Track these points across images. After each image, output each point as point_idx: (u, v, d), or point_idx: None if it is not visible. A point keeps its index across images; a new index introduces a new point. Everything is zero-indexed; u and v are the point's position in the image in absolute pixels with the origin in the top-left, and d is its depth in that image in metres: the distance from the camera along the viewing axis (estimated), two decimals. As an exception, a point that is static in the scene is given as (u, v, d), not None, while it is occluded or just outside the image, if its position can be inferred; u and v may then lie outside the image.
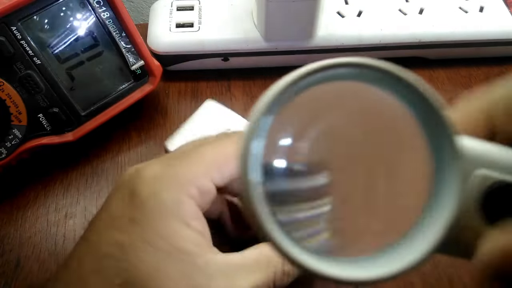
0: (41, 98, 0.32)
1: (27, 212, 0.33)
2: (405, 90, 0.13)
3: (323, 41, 0.40)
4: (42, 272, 0.30)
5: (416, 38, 0.40)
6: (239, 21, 0.40)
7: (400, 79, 0.13)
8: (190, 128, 0.34)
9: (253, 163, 0.13)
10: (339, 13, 0.41)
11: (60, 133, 0.34)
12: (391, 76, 0.13)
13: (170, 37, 0.39)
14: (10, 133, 0.32)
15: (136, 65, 0.35)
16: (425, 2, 0.42)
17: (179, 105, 0.39)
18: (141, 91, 0.36)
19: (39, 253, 0.30)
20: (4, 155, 0.32)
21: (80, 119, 0.34)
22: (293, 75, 0.13)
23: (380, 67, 0.13)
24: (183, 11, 0.41)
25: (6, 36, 0.29)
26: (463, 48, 0.41)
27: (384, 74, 0.13)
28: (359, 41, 0.40)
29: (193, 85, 0.41)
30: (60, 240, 0.31)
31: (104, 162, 0.36)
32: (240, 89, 0.41)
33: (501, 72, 0.42)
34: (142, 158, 0.36)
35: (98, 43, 0.33)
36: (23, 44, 0.30)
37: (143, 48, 0.35)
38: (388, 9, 0.41)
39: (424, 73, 0.42)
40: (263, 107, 0.13)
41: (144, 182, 0.21)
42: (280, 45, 0.40)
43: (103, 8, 0.32)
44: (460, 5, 0.42)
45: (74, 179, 0.35)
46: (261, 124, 0.13)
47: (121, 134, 0.37)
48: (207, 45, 0.39)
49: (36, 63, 0.31)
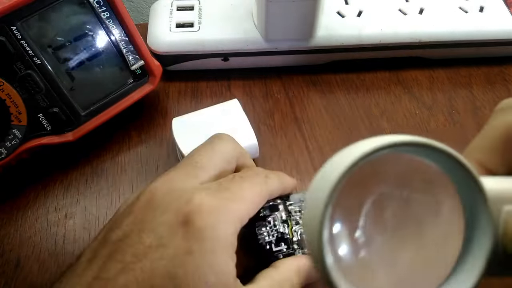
0: (41, 98, 0.32)
1: (27, 212, 0.33)
2: (446, 160, 0.15)
3: (323, 41, 0.40)
4: (42, 272, 0.30)
5: (416, 38, 0.40)
6: (239, 21, 0.40)
7: (443, 152, 0.15)
8: (201, 115, 0.34)
9: (326, 249, 0.14)
10: (339, 13, 0.41)
11: (60, 133, 0.34)
12: (439, 151, 0.14)
13: (170, 37, 0.39)
14: (10, 133, 0.32)
15: (136, 65, 0.35)
16: (425, 2, 0.42)
17: (179, 105, 0.39)
18: (141, 91, 0.36)
19: (39, 253, 0.30)
20: (4, 155, 0.32)
21: (80, 119, 0.34)
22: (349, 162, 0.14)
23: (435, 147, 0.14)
24: (183, 11, 0.41)
25: (6, 36, 0.29)
26: (463, 48, 0.41)
27: (433, 151, 0.14)
28: (359, 41, 0.40)
29: (193, 85, 0.41)
30: (60, 240, 0.31)
31: (104, 162, 0.36)
32: (240, 89, 0.41)
33: (501, 72, 0.42)
34: (142, 158, 0.36)
35: (98, 43, 0.33)
36: (23, 44, 0.30)
37: (143, 48, 0.35)
38: (388, 9, 0.41)
39: (424, 73, 0.42)
40: (327, 197, 0.14)
41: (200, 212, 0.21)
42: (280, 45, 0.40)
43: (103, 8, 0.32)
44: (460, 5, 0.42)
45: (74, 179, 0.35)
46: (327, 213, 0.14)
47: (121, 134, 0.37)
48: (207, 45, 0.39)
49: (36, 63, 0.31)
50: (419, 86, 0.41)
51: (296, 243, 0.26)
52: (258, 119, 0.38)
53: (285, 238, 0.26)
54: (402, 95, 0.40)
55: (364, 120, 0.38)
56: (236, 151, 0.26)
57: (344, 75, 0.42)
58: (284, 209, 0.27)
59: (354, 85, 0.41)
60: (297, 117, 0.39)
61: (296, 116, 0.39)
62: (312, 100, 0.40)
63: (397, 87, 0.41)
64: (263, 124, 0.38)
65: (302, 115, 0.39)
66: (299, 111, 0.39)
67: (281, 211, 0.27)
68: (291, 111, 0.39)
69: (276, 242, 0.26)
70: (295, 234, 0.27)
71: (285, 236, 0.26)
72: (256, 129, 0.37)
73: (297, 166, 0.35)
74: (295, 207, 0.28)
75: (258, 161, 0.35)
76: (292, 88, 0.41)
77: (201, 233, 0.20)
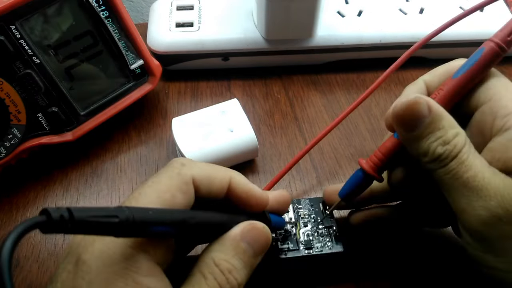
0: (40, 97, 0.32)
1: (27, 212, 0.33)
2: None
3: (323, 41, 0.40)
4: (42, 272, 0.30)
5: (416, 38, 0.40)
6: (239, 21, 0.40)
7: None
8: (201, 115, 0.34)
9: None
10: (339, 13, 0.41)
11: (59, 133, 0.33)
12: None
13: (170, 37, 0.39)
14: (9, 133, 0.31)
15: (136, 64, 0.35)
16: (425, 2, 0.42)
17: (179, 105, 0.39)
18: (140, 90, 0.36)
19: (38, 253, 0.30)
20: (3, 155, 0.32)
21: (80, 119, 0.34)
22: None
23: None
24: (183, 11, 0.41)
25: (5, 35, 0.29)
26: (463, 48, 0.41)
27: None
28: (359, 41, 0.40)
29: (193, 85, 0.41)
30: (59, 240, 0.31)
31: (103, 162, 0.35)
32: (240, 89, 0.41)
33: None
34: (142, 158, 0.36)
35: (97, 43, 0.33)
36: (22, 44, 0.30)
37: (142, 47, 0.35)
38: (388, 9, 0.41)
39: (424, 73, 0.42)
40: None
41: (88, 242, 0.19)
42: (280, 45, 0.40)
43: (102, 8, 0.32)
44: (460, 4, 0.42)
45: (74, 179, 0.34)
46: None
47: (121, 134, 0.37)
48: (207, 45, 0.39)
49: (35, 62, 0.31)
50: (419, 86, 0.41)
51: (302, 243, 0.27)
52: (258, 119, 0.38)
53: (292, 238, 0.27)
54: (402, 95, 0.40)
55: (364, 120, 0.38)
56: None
57: (344, 75, 0.42)
58: (293, 211, 0.28)
59: (354, 85, 0.41)
60: (297, 117, 0.39)
61: (296, 116, 0.39)
62: (312, 100, 0.40)
63: (397, 87, 0.41)
64: (263, 124, 0.38)
65: (302, 115, 0.39)
66: (299, 111, 0.39)
67: (289, 212, 0.28)
68: (291, 111, 0.39)
69: (282, 240, 0.27)
70: (302, 236, 0.27)
71: (292, 237, 0.27)
72: (256, 129, 0.37)
73: (297, 166, 0.35)
74: (304, 210, 0.29)
75: (258, 161, 0.35)
76: (292, 88, 0.41)
77: (89, 265, 0.18)
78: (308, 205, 0.29)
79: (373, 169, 0.25)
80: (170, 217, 0.19)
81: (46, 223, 0.15)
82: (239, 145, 0.33)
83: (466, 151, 0.21)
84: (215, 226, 0.21)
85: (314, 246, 0.27)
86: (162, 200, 0.20)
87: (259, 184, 0.34)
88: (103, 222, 0.16)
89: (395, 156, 0.25)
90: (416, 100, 0.21)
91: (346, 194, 0.27)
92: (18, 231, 0.14)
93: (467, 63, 0.24)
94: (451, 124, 0.22)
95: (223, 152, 0.33)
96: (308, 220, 0.28)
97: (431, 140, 0.21)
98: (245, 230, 0.21)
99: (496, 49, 0.23)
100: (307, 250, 0.27)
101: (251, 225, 0.22)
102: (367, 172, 0.25)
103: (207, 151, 0.32)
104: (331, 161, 0.35)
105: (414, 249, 0.30)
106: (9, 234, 0.14)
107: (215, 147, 0.32)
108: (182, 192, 0.20)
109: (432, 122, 0.21)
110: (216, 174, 0.22)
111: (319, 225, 0.28)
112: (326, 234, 0.27)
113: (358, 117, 0.38)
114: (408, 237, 0.30)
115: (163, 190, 0.20)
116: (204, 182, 0.21)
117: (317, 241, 0.27)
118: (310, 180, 0.34)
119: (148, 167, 0.35)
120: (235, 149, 0.33)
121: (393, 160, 0.25)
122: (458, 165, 0.21)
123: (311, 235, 0.27)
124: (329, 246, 0.27)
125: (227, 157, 0.33)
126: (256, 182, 0.34)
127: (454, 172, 0.21)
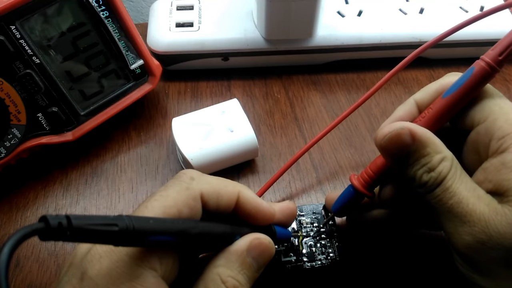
0: (40, 97, 0.32)
1: (27, 212, 0.33)
2: None
3: (323, 41, 0.40)
4: (42, 272, 0.30)
5: (416, 38, 0.40)
6: (239, 21, 0.40)
7: None
8: (201, 115, 0.34)
9: None
10: (339, 13, 0.41)
11: (59, 133, 0.33)
12: None
13: (170, 37, 0.39)
14: (9, 133, 0.31)
15: (136, 64, 0.35)
16: (425, 2, 0.42)
17: (179, 105, 0.39)
18: (140, 90, 0.36)
19: (38, 253, 0.30)
20: (3, 155, 0.32)
21: (80, 119, 0.34)
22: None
23: None
24: (183, 11, 0.41)
25: (5, 35, 0.29)
26: (463, 48, 0.41)
27: None
28: (359, 41, 0.40)
29: (193, 85, 0.41)
30: (59, 240, 0.31)
31: (103, 162, 0.35)
32: (240, 89, 0.41)
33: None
34: (142, 158, 0.36)
35: (97, 43, 0.33)
36: (22, 43, 0.30)
37: (142, 47, 0.35)
38: (388, 9, 0.41)
39: (424, 73, 0.42)
40: None
41: (94, 258, 0.18)
42: (280, 45, 0.40)
43: (102, 7, 0.32)
44: (460, 4, 0.42)
45: (74, 179, 0.34)
46: None
47: (121, 134, 0.37)
48: (207, 45, 0.39)
49: (35, 62, 0.31)
50: (419, 86, 0.41)
51: (305, 255, 0.27)
52: (258, 119, 0.38)
53: (295, 249, 0.27)
54: (402, 95, 0.40)
55: (364, 120, 0.38)
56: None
57: (344, 75, 0.42)
58: (295, 220, 0.28)
59: (354, 85, 0.41)
60: (297, 117, 0.39)
61: (296, 116, 0.39)
62: (312, 100, 0.40)
63: (397, 87, 0.41)
64: (263, 124, 0.38)
65: (302, 115, 0.39)
66: (299, 111, 0.39)
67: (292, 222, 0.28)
68: (291, 111, 0.39)
69: (285, 253, 0.27)
70: (304, 246, 0.27)
71: (294, 248, 0.27)
72: (256, 129, 0.37)
73: (297, 166, 0.35)
74: (307, 219, 0.28)
75: (258, 161, 0.35)
76: (292, 88, 0.41)
77: (94, 281, 0.18)
78: (310, 213, 0.29)
79: (363, 186, 0.25)
80: (171, 226, 0.19)
81: (45, 230, 0.15)
82: (239, 145, 0.33)
83: (451, 177, 0.21)
84: (218, 237, 0.21)
85: (316, 259, 0.27)
86: (167, 215, 0.20)
87: (259, 184, 0.34)
88: (102, 231, 0.16)
89: (385, 173, 0.25)
90: (398, 131, 0.21)
91: (338, 209, 0.27)
92: (16, 238, 0.14)
93: (457, 82, 0.23)
94: (437, 149, 0.22)
95: (223, 152, 0.33)
96: (310, 228, 0.28)
97: (416, 168, 0.22)
98: (252, 245, 0.21)
99: (486, 69, 0.23)
100: (310, 263, 0.27)
101: (257, 240, 0.22)
102: (357, 190, 0.25)
103: (207, 151, 0.32)
104: (331, 161, 0.35)
105: (412, 254, 0.30)
106: (7, 240, 0.14)
107: (215, 147, 0.32)
108: (189, 208, 0.20)
109: (416, 150, 0.21)
110: (225, 190, 0.22)
111: (321, 234, 0.28)
112: (328, 245, 0.27)
113: (358, 117, 0.38)
114: (405, 241, 0.30)
115: (169, 206, 0.20)
116: (212, 198, 0.21)
117: (319, 252, 0.27)
118: (310, 180, 0.34)
119: (148, 167, 0.35)
120: (235, 149, 0.33)
121: (383, 177, 0.25)
122: (443, 192, 0.21)
123: (314, 245, 0.27)
124: (331, 257, 0.27)
125: (227, 157, 0.33)
126: (256, 182, 0.34)
127: (439, 198, 0.21)
